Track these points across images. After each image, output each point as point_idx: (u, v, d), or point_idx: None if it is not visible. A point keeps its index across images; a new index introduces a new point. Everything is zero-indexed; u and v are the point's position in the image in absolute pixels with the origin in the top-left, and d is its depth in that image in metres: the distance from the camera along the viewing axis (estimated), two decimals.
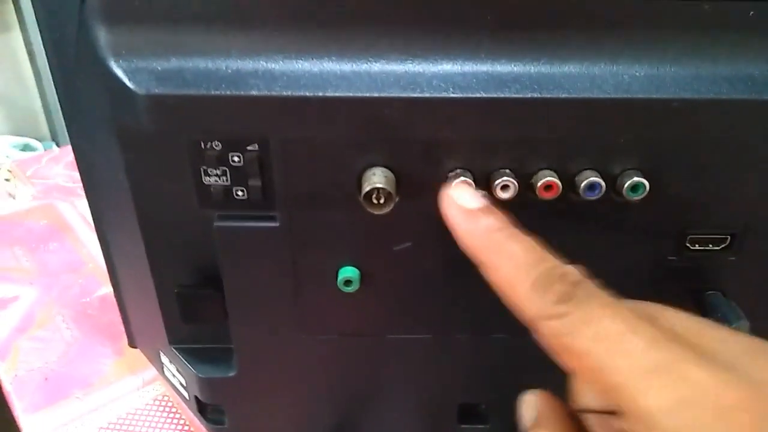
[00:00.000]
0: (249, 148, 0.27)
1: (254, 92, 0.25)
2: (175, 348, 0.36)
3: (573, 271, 0.21)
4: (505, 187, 0.27)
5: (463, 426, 0.37)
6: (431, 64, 0.26)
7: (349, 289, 0.30)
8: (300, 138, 0.26)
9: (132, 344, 0.42)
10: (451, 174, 0.27)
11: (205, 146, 0.27)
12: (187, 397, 0.38)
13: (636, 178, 0.26)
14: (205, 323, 0.34)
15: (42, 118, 1.52)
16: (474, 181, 0.26)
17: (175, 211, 0.31)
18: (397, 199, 0.27)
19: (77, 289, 0.52)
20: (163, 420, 0.41)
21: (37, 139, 1.38)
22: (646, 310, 0.21)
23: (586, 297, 0.20)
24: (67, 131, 0.33)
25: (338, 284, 0.30)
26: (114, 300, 0.41)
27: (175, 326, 0.35)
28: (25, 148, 1.32)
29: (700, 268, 0.30)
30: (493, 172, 0.27)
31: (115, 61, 0.26)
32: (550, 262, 0.22)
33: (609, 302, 0.20)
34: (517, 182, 0.27)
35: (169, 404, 0.42)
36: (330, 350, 0.33)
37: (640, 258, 0.30)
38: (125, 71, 0.26)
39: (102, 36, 0.26)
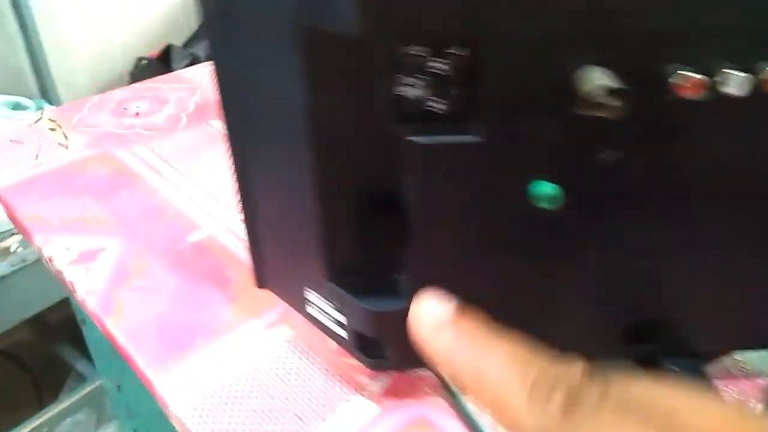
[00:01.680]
0: (455, 51, 0.25)
1: None
2: (334, 282, 0.34)
3: (576, 368, 0.19)
4: (733, 82, 0.25)
5: (630, 346, 0.36)
6: None
7: (549, 206, 0.28)
8: (517, 34, 0.24)
9: (261, 285, 0.40)
10: (670, 68, 0.25)
11: (406, 50, 0.25)
12: (344, 335, 0.36)
13: None
14: (377, 253, 0.32)
15: (31, 76, 1.43)
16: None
17: (354, 130, 0.29)
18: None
19: (165, 236, 0.49)
20: (298, 361, 0.40)
21: (27, 97, 1.31)
22: (657, 410, 0.18)
23: (595, 407, 0.17)
24: (212, 48, 0.30)
25: (538, 201, 0.28)
26: (209, 245, 0.39)
27: (336, 259, 0.33)
28: (16, 107, 1.25)
29: None
30: (717, 67, 0.25)
31: None
32: (544, 360, 0.19)
33: (618, 408, 0.17)
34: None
35: (302, 345, 0.41)
36: (511, 271, 0.32)
37: None
38: None
39: None
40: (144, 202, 0.53)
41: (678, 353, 0.36)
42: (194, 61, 1.56)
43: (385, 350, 0.35)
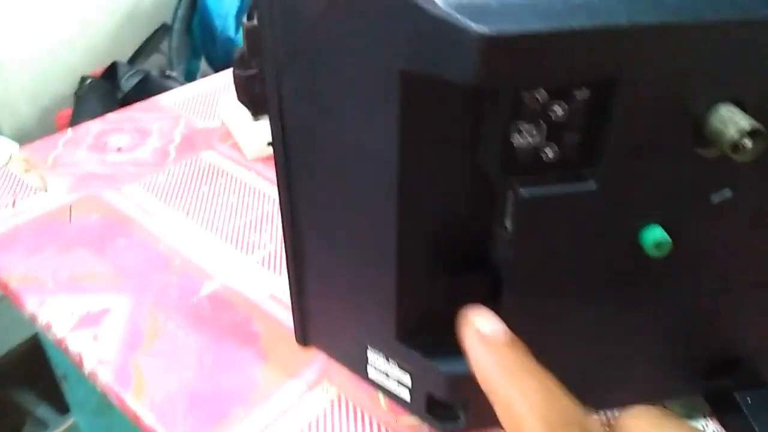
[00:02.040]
0: (577, 95, 0.22)
1: (616, 22, 0.20)
2: (404, 342, 0.31)
3: (591, 421, 0.20)
4: None
5: (707, 382, 0.34)
6: None
7: (659, 254, 0.26)
8: (656, 74, 0.22)
9: (306, 342, 0.36)
10: None
11: (527, 96, 0.22)
12: (408, 397, 0.33)
13: None
14: (450, 310, 0.29)
15: None
16: None
17: (444, 183, 0.26)
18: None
19: (176, 290, 0.45)
20: (349, 423, 0.36)
21: None
22: None
23: None
24: (277, 94, 0.27)
25: (647, 248, 0.26)
26: (226, 296, 0.35)
27: (409, 319, 0.30)
28: None
29: None
30: None
31: None
32: (567, 405, 0.21)
33: None
34: None
35: (351, 404, 0.37)
36: (602, 315, 0.29)
37: None
38: (449, 6, 0.20)
39: None
40: (146, 250, 0.48)
41: (750, 386, 0.35)
42: (145, 78, 1.48)
43: (456, 412, 0.32)
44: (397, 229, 0.26)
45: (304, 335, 0.36)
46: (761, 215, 0.27)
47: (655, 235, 0.26)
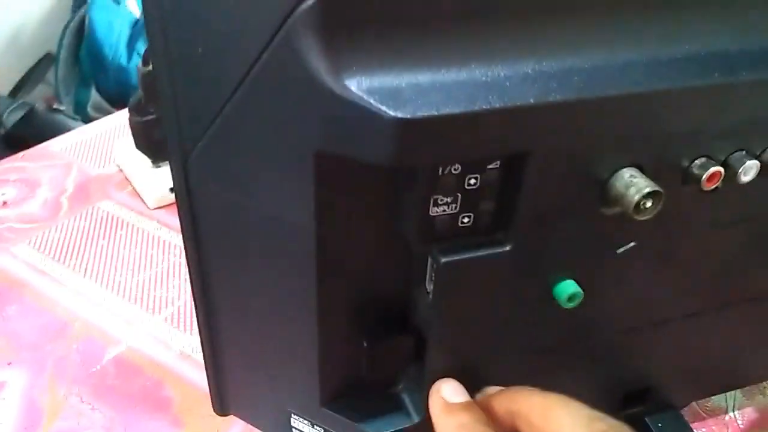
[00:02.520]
0: (490, 167, 0.23)
1: (525, 101, 0.21)
2: (329, 408, 0.30)
3: None
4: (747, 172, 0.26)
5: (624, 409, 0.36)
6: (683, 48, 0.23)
7: (572, 305, 0.27)
8: (563, 147, 0.22)
9: (224, 411, 0.35)
10: (695, 163, 0.25)
11: (443, 171, 0.22)
12: None
13: None
14: (385, 373, 0.29)
15: None
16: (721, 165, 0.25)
17: (363, 253, 0.26)
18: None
19: (77, 357, 0.42)
20: None
21: None
22: None
23: None
24: (183, 168, 0.26)
25: (561, 301, 0.27)
26: (133, 360, 0.34)
27: (332, 384, 0.29)
28: None
29: None
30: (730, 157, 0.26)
31: (339, 81, 0.20)
32: None
33: None
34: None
35: None
36: (524, 362, 0.30)
37: None
38: (363, 92, 0.20)
39: (317, 53, 0.20)
40: (41, 316, 0.44)
41: (660, 410, 0.38)
42: (30, 112, 1.39)
43: None
44: (317, 297, 0.26)
45: (221, 404, 0.34)
46: (661, 262, 0.29)
47: (567, 289, 0.27)
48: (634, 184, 0.24)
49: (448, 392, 0.27)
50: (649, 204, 0.23)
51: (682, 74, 0.23)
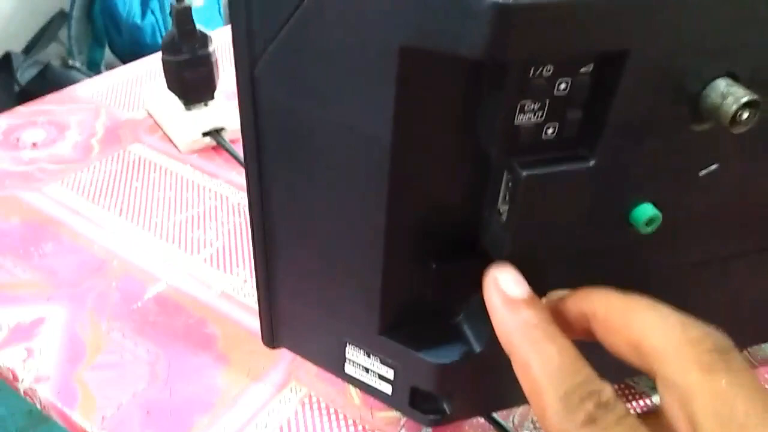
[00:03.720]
0: (583, 70, 0.22)
1: None
2: (387, 336, 0.29)
3: (606, 390, 0.20)
4: None
5: None
6: None
7: (650, 230, 0.26)
8: (662, 49, 0.21)
9: (275, 343, 0.34)
10: None
11: (534, 73, 0.21)
12: (390, 391, 0.31)
13: None
14: (450, 299, 0.28)
15: None
16: None
17: (438, 166, 0.24)
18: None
19: (118, 295, 0.41)
20: (326, 422, 0.34)
21: None
22: None
23: (613, 423, 0.20)
24: (249, 75, 0.24)
25: (639, 225, 0.26)
26: (175, 298, 0.33)
27: (393, 311, 0.29)
28: None
29: None
30: None
31: None
32: (584, 373, 0.21)
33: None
34: None
35: (324, 404, 0.35)
36: None
37: None
38: None
39: None
40: (78, 254, 0.44)
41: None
42: (45, 69, 1.38)
43: (442, 404, 0.31)
44: (387, 216, 0.25)
45: (272, 336, 0.33)
46: (741, 189, 0.28)
47: (646, 213, 0.26)
48: (731, 93, 0.22)
49: (507, 283, 0.24)
50: (746, 115, 0.22)
51: None
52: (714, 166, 0.26)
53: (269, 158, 0.27)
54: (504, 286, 0.24)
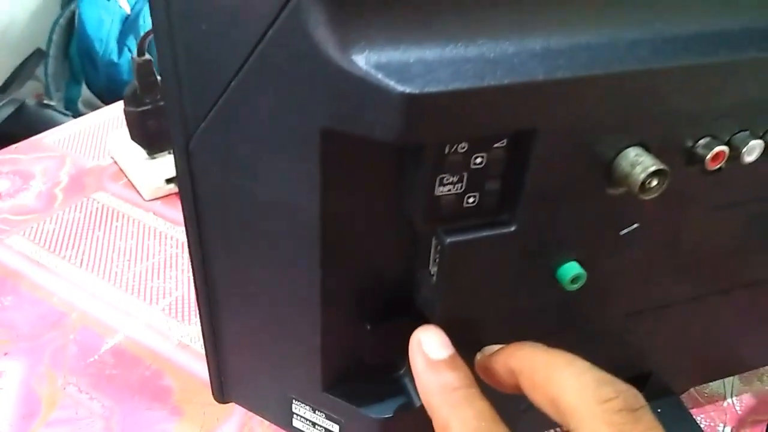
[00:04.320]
0: (496, 145, 0.23)
1: (533, 78, 0.21)
2: (330, 393, 0.30)
3: None
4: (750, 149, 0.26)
5: None
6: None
7: (575, 287, 0.27)
8: (570, 124, 0.22)
9: (225, 398, 0.35)
10: (699, 143, 0.25)
11: (450, 149, 0.22)
12: None
13: None
14: (388, 357, 0.29)
15: None
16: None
17: (366, 234, 0.25)
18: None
19: (75, 348, 0.41)
20: None
21: None
22: None
23: None
24: (185, 151, 0.25)
25: (564, 283, 0.27)
26: (131, 350, 0.33)
27: (334, 368, 0.29)
28: None
29: None
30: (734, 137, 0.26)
31: (347, 56, 0.20)
32: None
33: None
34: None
35: None
36: None
37: None
38: (370, 67, 0.20)
39: (324, 27, 0.19)
40: (37, 306, 0.44)
41: (661, 396, 0.38)
42: (20, 108, 1.38)
43: None
44: (321, 281, 0.26)
45: (221, 391, 0.34)
46: (663, 244, 0.29)
47: (571, 271, 0.27)
48: (639, 162, 0.24)
49: (430, 345, 0.24)
50: (654, 183, 0.23)
51: (688, 52, 0.23)
52: (635, 225, 0.27)
53: (208, 225, 0.28)
54: (426, 349, 0.24)
